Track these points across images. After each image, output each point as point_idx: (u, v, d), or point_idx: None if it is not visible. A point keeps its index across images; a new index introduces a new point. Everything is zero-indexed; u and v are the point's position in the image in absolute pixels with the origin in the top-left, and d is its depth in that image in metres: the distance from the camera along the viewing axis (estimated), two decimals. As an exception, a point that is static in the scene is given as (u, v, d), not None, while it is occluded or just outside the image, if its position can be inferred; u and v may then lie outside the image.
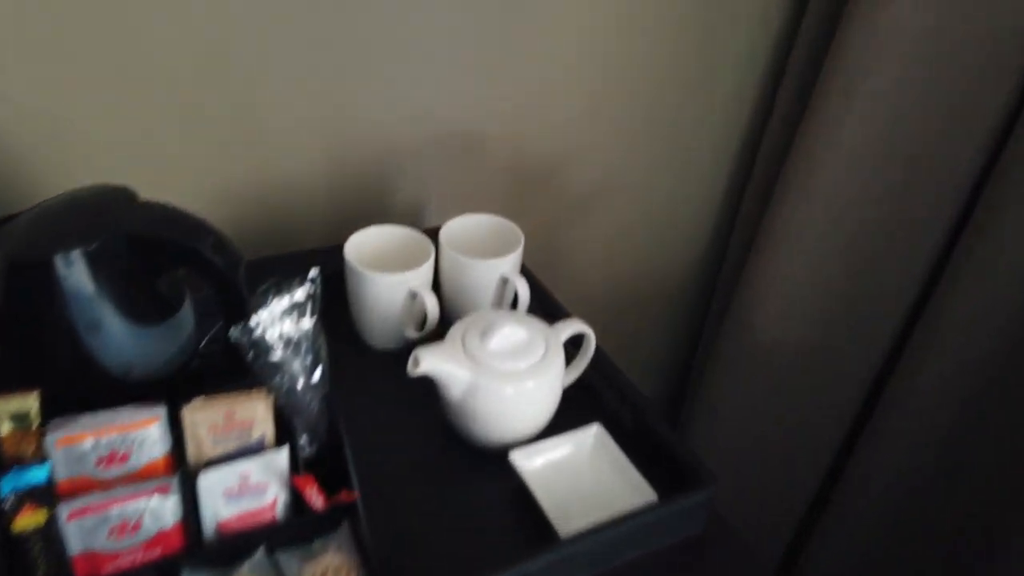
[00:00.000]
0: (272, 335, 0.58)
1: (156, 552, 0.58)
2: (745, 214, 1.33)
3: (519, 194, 1.19)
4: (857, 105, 1.06)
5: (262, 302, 0.57)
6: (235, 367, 0.69)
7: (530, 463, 0.70)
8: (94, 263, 0.59)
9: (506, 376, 0.69)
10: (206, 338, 0.78)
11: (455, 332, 0.73)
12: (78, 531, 0.55)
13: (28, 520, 0.53)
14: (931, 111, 1.04)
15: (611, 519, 0.64)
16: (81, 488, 0.57)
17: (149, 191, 0.65)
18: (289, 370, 0.59)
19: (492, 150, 1.12)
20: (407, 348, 0.84)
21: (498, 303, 0.86)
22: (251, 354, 0.58)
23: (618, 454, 0.71)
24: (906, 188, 1.10)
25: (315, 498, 0.61)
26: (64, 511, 0.54)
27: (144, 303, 0.64)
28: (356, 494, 0.61)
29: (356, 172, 1.03)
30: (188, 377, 0.69)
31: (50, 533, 0.54)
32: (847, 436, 1.34)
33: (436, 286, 0.85)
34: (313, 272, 0.61)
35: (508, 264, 0.83)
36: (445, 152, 1.08)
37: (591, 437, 0.73)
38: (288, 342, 0.59)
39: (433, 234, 0.85)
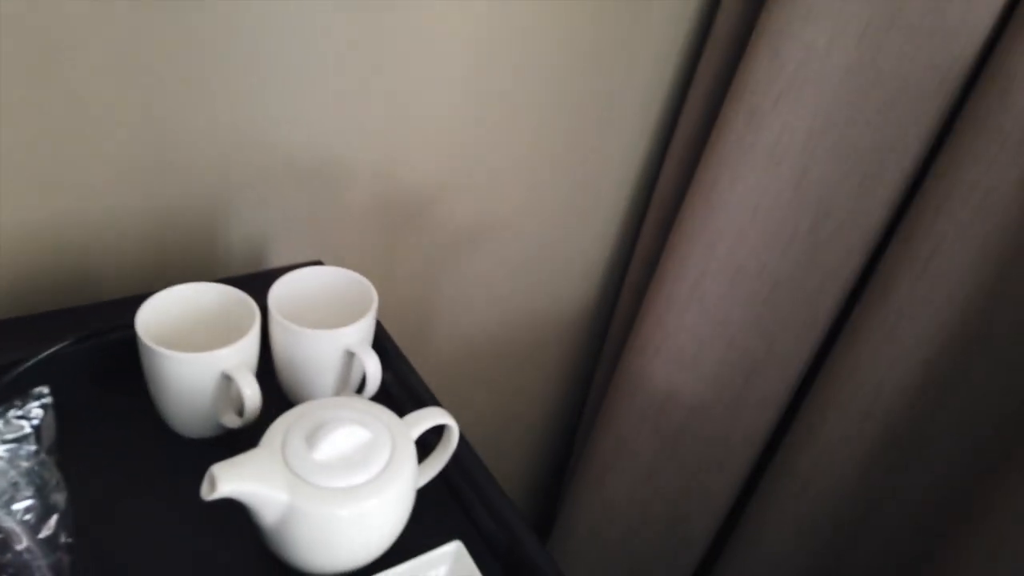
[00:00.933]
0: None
1: None
2: (640, 257, 1.22)
3: (389, 233, 1.03)
4: (762, 140, 0.97)
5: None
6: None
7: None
8: None
9: (335, 496, 0.54)
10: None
11: (273, 434, 0.57)
12: None
13: None
14: (844, 155, 0.96)
15: None
16: None
17: None
18: (3, 524, 0.41)
19: (356, 181, 0.96)
20: (227, 434, 0.68)
21: (343, 384, 0.70)
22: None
23: (481, 586, 0.57)
24: (813, 237, 1.02)
25: None
26: None
27: None
28: None
29: (180, 207, 0.85)
30: None
31: None
32: (738, 499, 1.26)
33: (266, 358, 0.68)
34: (38, 391, 0.43)
35: (354, 334, 0.68)
36: (295, 183, 0.91)
37: (449, 562, 0.59)
38: (4, 489, 0.41)
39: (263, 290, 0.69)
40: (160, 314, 0.65)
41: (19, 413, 0.41)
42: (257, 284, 0.70)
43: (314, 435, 0.56)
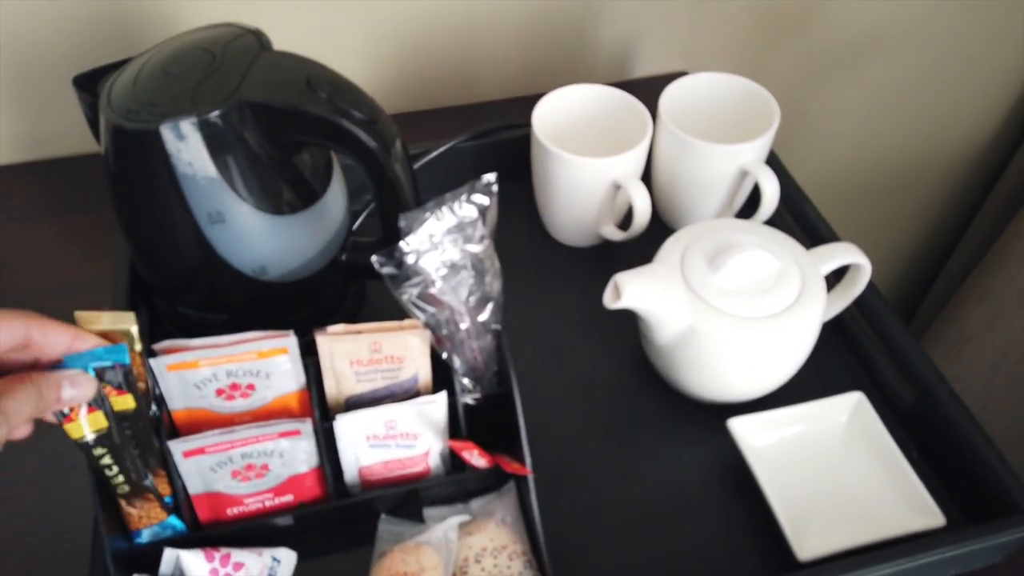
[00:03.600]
0: (430, 262, 0.42)
1: (289, 498, 0.49)
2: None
3: (759, 44, 0.91)
4: None
5: (419, 219, 0.41)
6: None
7: (757, 438, 0.52)
8: (212, 136, 0.45)
9: (740, 323, 0.50)
10: (357, 222, 0.65)
11: (671, 251, 0.54)
12: (195, 470, 0.46)
13: (119, 403, 0.42)
14: None
15: (876, 543, 0.46)
16: (200, 421, 0.47)
17: (281, 33, 0.49)
18: (451, 304, 0.44)
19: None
20: (602, 246, 0.67)
21: (726, 206, 0.64)
22: (403, 285, 0.43)
23: (887, 444, 0.51)
24: None
25: (477, 460, 0.47)
26: (179, 448, 0.44)
27: (278, 186, 0.50)
28: (529, 471, 0.46)
29: (552, 9, 0.81)
30: (336, 279, 0.56)
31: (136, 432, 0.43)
32: None
33: (648, 172, 0.64)
34: (488, 178, 0.43)
35: (751, 152, 0.61)
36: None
37: (847, 412, 0.53)
38: (451, 269, 0.43)
39: (646, 96, 0.64)
40: (553, 114, 0.64)
41: (470, 198, 0.42)
42: (640, 91, 0.66)
43: (717, 257, 0.52)
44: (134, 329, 0.42)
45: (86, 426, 0.40)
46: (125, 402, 0.41)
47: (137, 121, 0.45)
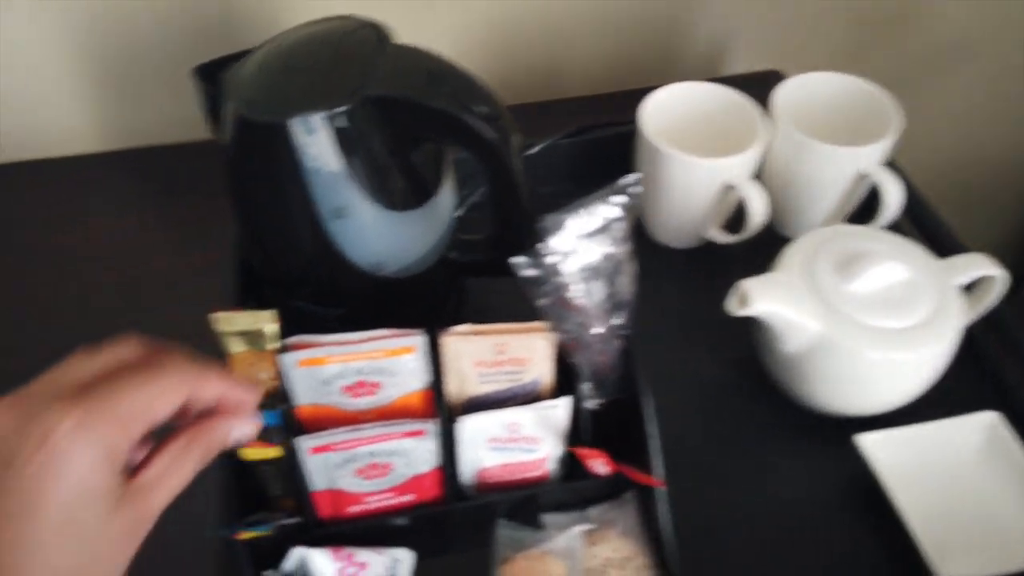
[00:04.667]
0: (568, 265, 0.40)
1: (410, 498, 0.48)
2: None
3: (856, 41, 0.88)
4: None
5: (561, 221, 0.40)
6: (503, 261, 0.55)
7: (887, 455, 0.50)
8: (339, 130, 0.44)
9: (877, 335, 0.48)
10: (462, 207, 0.64)
11: (794, 258, 0.52)
12: (322, 466, 0.45)
13: (256, 453, 0.43)
14: None
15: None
16: (324, 417, 0.46)
17: (399, 26, 0.49)
18: (586, 308, 0.42)
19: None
20: (702, 248, 0.65)
21: (839, 210, 0.62)
22: (538, 287, 0.42)
23: (1025, 465, 0.49)
24: None
25: (601, 468, 0.46)
26: (306, 444, 0.44)
27: (398, 182, 0.49)
28: (662, 482, 0.45)
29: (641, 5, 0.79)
30: (443, 276, 0.56)
31: (282, 465, 0.44)
32: None
33: (758, 172, 0.63)
34: (630, 179, 0.42)
35: (874, 154, 0.59)
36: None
37: (983, 432, 0.51)
38: (589, 273, 0.41)
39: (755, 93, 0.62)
40: (658, 111, 0.62)
41: (611, 198, 0.40)
42: (751, 88, 0.64)
43: (850, 266, 0.50)
44: (269, 328, 0.42)
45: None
46: (270, 452, 0.44)
47: (265, 114, 0.44)
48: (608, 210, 0.41)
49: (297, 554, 0.44)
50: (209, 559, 0.44)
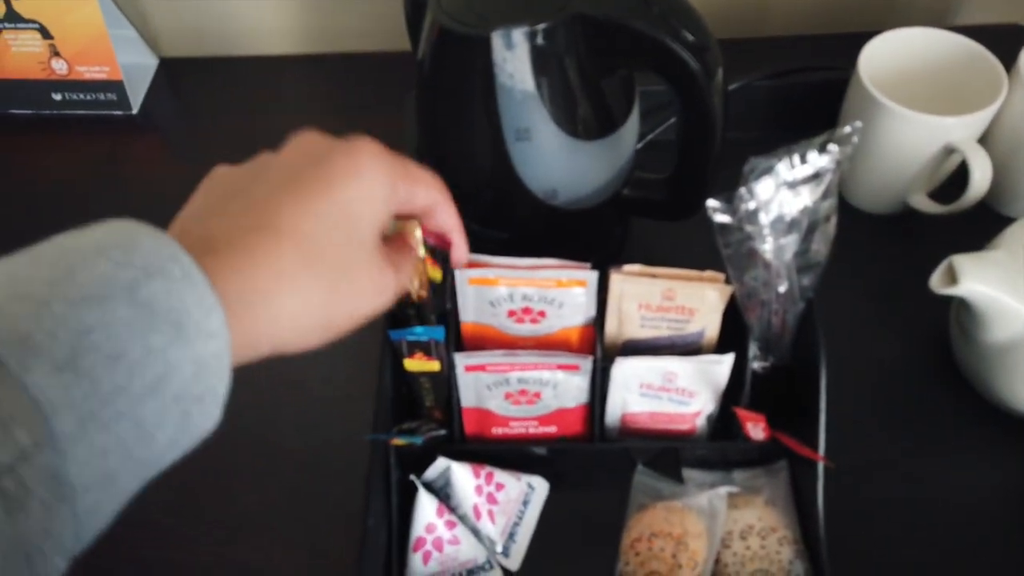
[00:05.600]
0: (765, 215, 0.37)
1: (552, 429, 0.48)
2: None
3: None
4: None
5: (767, 165, 0.37)
6: (680, 205, 0.52)
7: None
8: (539, 48, 0.43)
9: (1109, 340, 0.41)
10: (645, 139, 0.61)
11: (1020, 237, 0.46)
12: (472, 385, 0.46)
13: (418, 365, 0.44)
14: None
15: None
16: (485, 337, 0.46)
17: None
18: (775, 265, 0.39)
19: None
20: (902, 216, 0.59)
21: None
22: (728, 233, 0.39)
23: None
24: None
25: (758, 433, 0.44)
26: (462, 361, 0.45)
27: (587, 109, 0.47)
28: (822, 458, 0.42)
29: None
30: (613, 213, 0.54)
31: (441, 378, 0.45)
32: None
33: (982, 138, 0.55)
34: (849, 128, 0.37)
35: None
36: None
37: None
38: (785, 226, 0.38)
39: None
40: (878, 59, 0.55)
41: (826, 147, 0.36)
42: (987, 42, 0.55)
43: (1089, 255, 0.43)
44: (415, 234, 0.41)
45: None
46: (430, 365, 0.44)
47: (466, 25, 0.43)
48: (821, 160, 0.37)
49: (441, 464, 0.45)
50: (364, 460, 0.46)
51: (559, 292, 0.44)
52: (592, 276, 0.43)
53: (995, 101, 0.51)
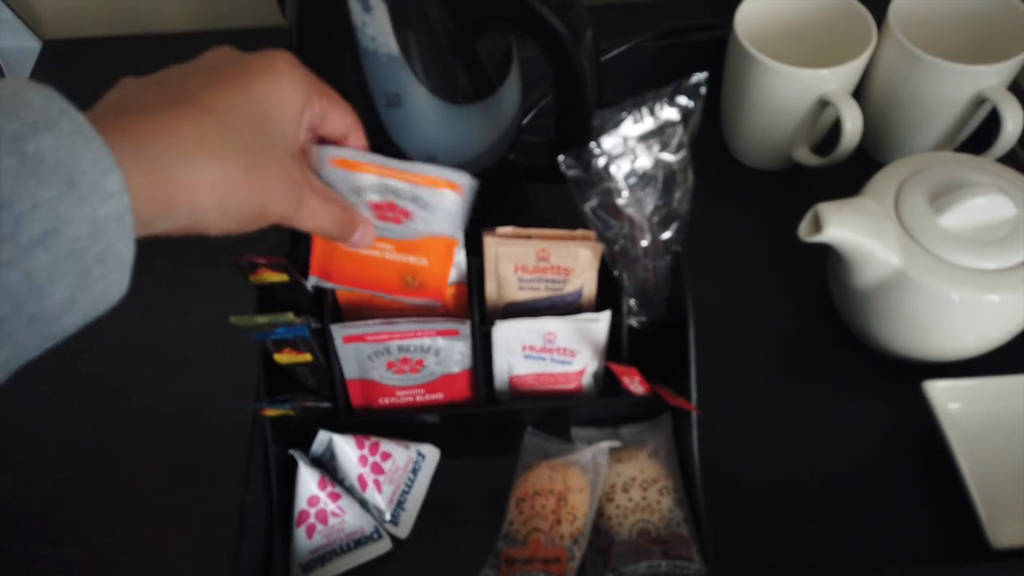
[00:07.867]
0: (619, 169, 0.37)
1: (439, 396, 0.48)
2: None
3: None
4: None
5: (615, 119, 0.37)
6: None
7: (955, 406, 0.46)
8: (398, 9, 0.42)
9: (963, 275, 0.43)
10: (525, 119, 0.61)
11: (884, 184, 0.47)
12: (354, 356, 0.45)
13: (289, 358, 0.44)
14: None
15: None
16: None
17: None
18: (634, 218, 0.40)
19: None
20: (789, 171, 0.60)
21: (948, 139, 0.55)
22: (584, 191, 0.39)
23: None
24: None
25: (636, 387, 0.44)
26: (339, 332, 0.44)
27: (458, 72, 0.47)
28: (694, 407, 0.43)
29: None
30: (501, 178, 0.53)
31: (319, 366, 0.45)
32: None
33: (857, 91, 0.56)
34: (698, 77, 0.38)
35: (997, 76, 0.51)
36: None
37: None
38: (640, 180, 0.38)
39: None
40: (756, 16, 0.56)
41: (674, 99, 0.37)
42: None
43: (944, 197, 0.44)
44: None
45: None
46: (303, 357, 0.44)
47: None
48: (667, 112, 0.37)
49: (324, 437, 0.45)
50: (244, 433, 0.45)
51: (430, 192, 0.41)
52: (468, 182, 0.41)
53: (865, 52, 0.52)
